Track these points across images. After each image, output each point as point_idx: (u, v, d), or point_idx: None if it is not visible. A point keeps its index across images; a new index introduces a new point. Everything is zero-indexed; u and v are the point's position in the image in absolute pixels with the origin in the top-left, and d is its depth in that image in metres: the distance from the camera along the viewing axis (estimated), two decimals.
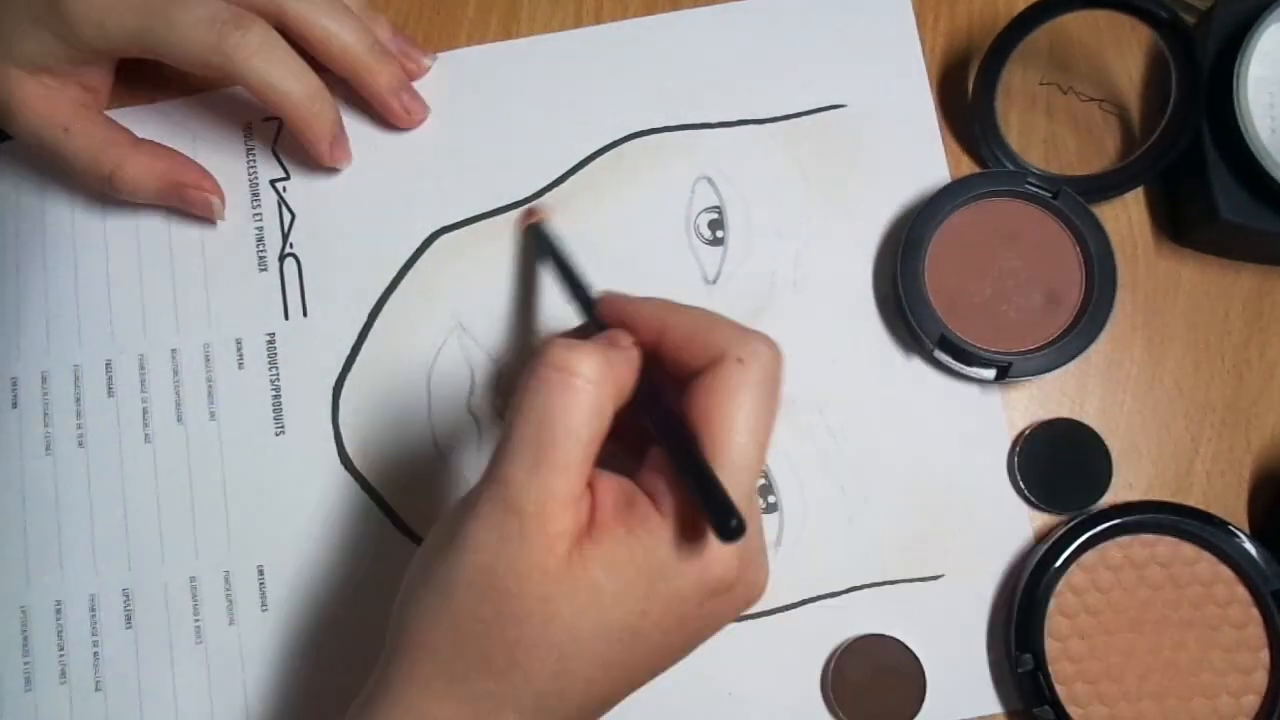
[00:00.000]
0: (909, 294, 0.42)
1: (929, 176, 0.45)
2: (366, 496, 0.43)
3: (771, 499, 0.43)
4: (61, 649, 0.43)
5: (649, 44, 0.47)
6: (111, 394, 0.44)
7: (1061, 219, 0.43)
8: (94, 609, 0.43)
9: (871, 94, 0.46)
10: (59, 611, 0.43)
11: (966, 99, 0.45)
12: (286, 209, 0.46)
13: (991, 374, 0.42)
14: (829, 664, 0.41)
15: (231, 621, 0.42)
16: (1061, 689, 0.39)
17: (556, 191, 0.46)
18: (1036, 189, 0.43)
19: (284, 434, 0.44)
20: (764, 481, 0.43)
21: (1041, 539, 0.41)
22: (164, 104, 0.47)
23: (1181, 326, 0.44)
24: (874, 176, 0.45)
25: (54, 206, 0.46)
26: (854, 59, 0.46)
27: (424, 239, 0.45)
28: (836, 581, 0.42)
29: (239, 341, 0.45)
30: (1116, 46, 0.46)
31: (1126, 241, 0.45)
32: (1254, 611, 0.40)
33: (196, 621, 0.43)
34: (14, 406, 0.44)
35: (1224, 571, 0.40)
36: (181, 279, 0.45)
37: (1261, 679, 0.40)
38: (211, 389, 0.44)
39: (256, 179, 0.46)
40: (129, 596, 0.43)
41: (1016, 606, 0.40)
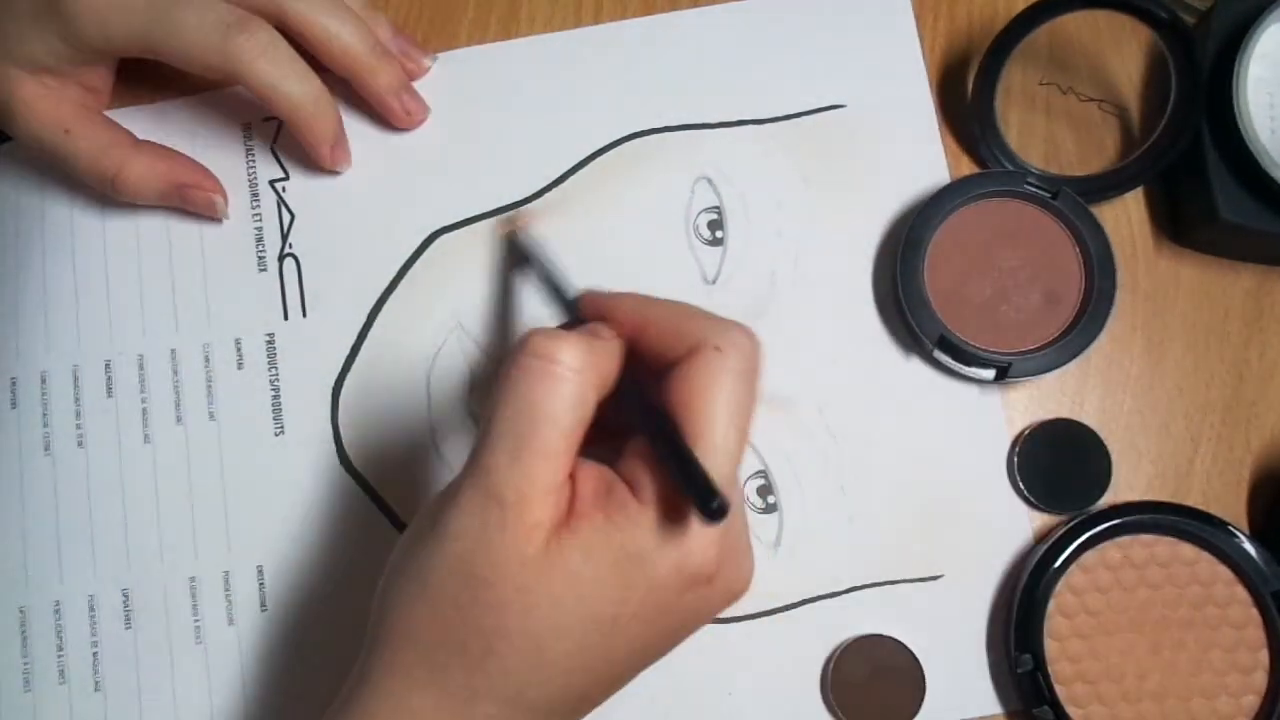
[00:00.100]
0: (908, 294, 0.42)
1: (928, 176, 0.45)
2: (366, 497, 0.43)
3: (771, 499, 0.43)
4: (61, 649, 0.42)
5: (649, 44, 0.47)
6: (111, 394, 0.44)
7: (1061, 219, 0.43)
8: (93, 609, 0.43)
9: (871, 94, 0.46)
10: (58, 612, 0.43)
11: (966, 99, 0.45)
12: (286, 209, 0.46)
13: (991, 374, 0.42)
14: (828, 664, 0.41)
15: (231, 622, 0.42)
16: (1061, 689, 0.39)
17: (556, 192, 0.46)
18: (1036, 189, 0.43)
19: (283, 434, 0.44)
20: (764, 482, 0.43)
21: (1041, 539, 0.41)
22: (163, 104, 0.47)
23: (1181, 326, 0.44)
24: (874, 176, 0.45)
25: (53, 207, 0.46)
26: (854, 59, 0.46)
27: (424, 239, 0.45)
28: (836, 581, 0.42)
29: (238, 342, 0.45)
30: (1116, 46, 0.46)
31: (1126, 241, 0.45)
32: (1253, 612, 0.40)
33: (196, 622, 0.43)
34: (13, 407, 0.44)
35: (1223, 572, 0.40)
36: (181, 279, 0.45)
37: (1261, 679, 0.40)
38: (211, 389, 0.44)
39: (256, 179, 0.46)
40: (128, 597, 0.43)
41: (1016, 607, 0.40)
